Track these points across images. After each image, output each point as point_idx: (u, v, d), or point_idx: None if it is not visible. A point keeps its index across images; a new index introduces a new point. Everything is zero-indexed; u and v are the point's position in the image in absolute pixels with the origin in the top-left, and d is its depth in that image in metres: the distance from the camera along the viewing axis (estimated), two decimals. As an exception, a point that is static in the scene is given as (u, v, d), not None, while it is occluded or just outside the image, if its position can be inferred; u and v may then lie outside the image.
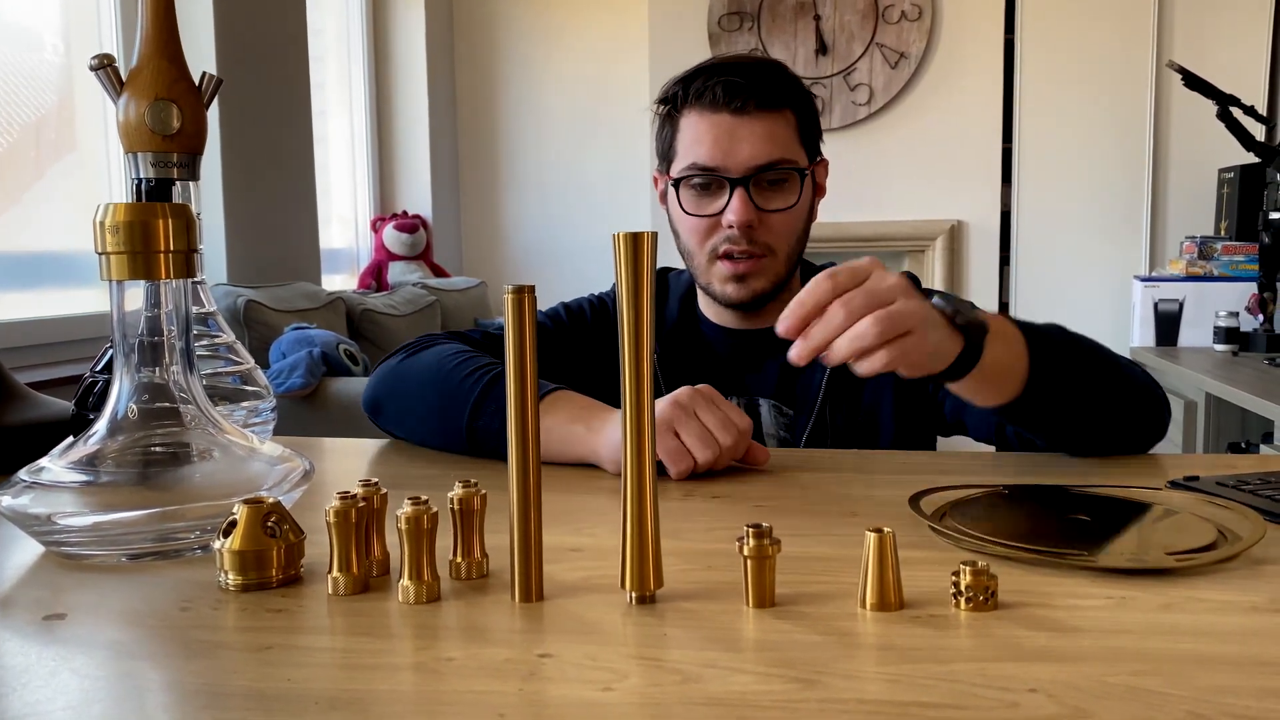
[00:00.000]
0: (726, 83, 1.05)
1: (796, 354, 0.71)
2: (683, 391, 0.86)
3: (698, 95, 1.07)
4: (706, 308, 1.17)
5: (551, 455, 0.88)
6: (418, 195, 4.24)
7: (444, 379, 0.98)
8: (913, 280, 1.19)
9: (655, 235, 0.53)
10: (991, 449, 1.04)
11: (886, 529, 0.53)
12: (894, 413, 1.09)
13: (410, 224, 4.04)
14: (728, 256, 1.07)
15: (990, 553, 0.61)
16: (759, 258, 1.07)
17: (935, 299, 0.78)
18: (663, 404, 0.85)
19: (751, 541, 0.53)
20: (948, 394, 1.04)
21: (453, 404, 0.95)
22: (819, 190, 1.16)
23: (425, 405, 0.99)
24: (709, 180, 1.07)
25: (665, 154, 1.13)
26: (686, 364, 1.14)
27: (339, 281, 3.96)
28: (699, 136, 1.07)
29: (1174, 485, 0.77)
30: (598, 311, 1.19)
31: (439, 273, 4.15)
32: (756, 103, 1.05)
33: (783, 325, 0.71)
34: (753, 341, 1.14)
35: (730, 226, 1.06)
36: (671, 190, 1.11)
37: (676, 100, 1.10)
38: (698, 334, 1.17)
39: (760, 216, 1.06)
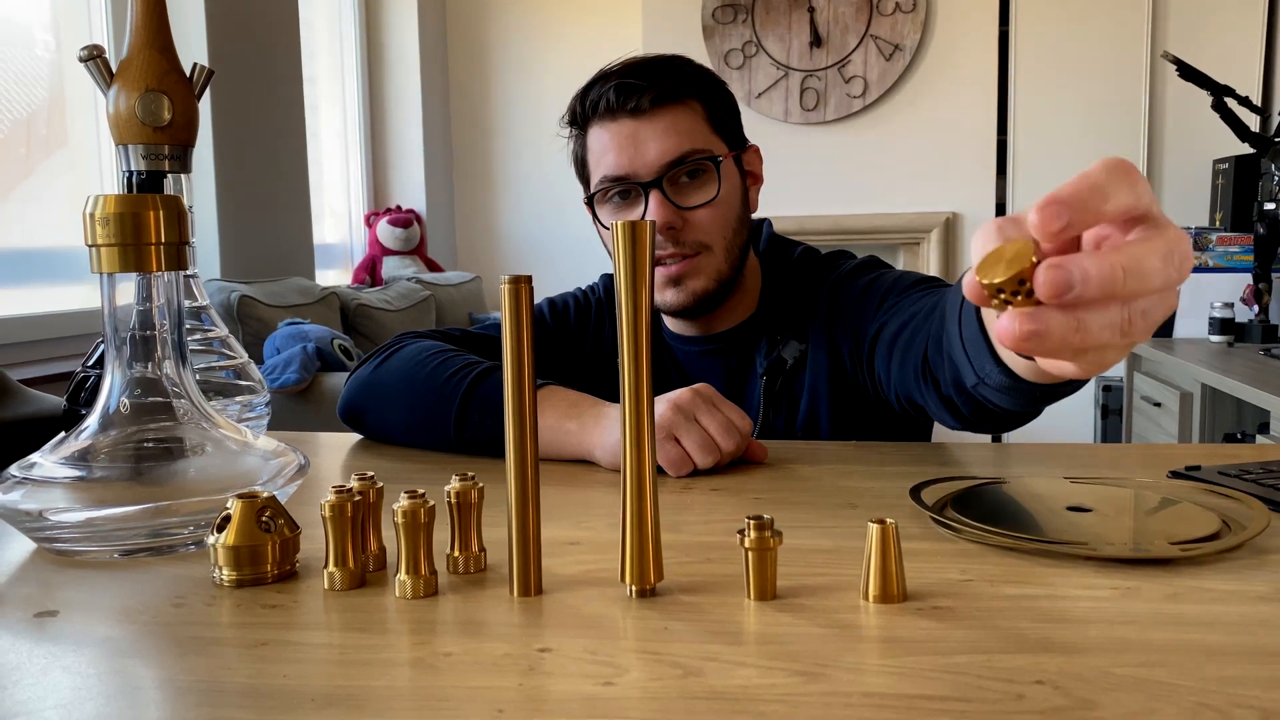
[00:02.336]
0: (619, 85, 1.01)
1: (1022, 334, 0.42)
2: (683, 394, 0.84)
3: (594, 106, 1.03)
4: (666, 318, 1.14)
5: (545, 453, 0.86)
6: (411, 190, 4.23)
7: (422, 387, 0.94)
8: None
9: (654, 224, 0.53)
10: (986, 438, 1.02)
11: (889, 520, 0.52)
12: (830, 415, 1.06)
13: (404, 219, 4.03)
14: (660, 262, 1.03)
15: (993, 543, 0.61)
16: (692, 257, 1.03)
17: None
18: (662, 407, 0.82)
19: (752, 533, 0.52)
20: (889, 378, 0.96)
21: (436, 416, 0.93)
22: (753, 179, 1.11)
23: (406, 416, 0.96)
24: (625, 189, 1.03)
25: (582, 176, 1.09)
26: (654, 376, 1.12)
27: (333, 277, 3.95)
28: (604, 148, 1.02)
29: (1175, 475, 0.76)
30: (581, 308, 1.17)
31: (433, 267, 4.14)
32: (655, 99, 1.00)
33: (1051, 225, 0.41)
34: (703, 349, 1.12)
35: None
36: (593, 211, 1.07)
37: (578, 117, 1.06)
38: (659, 336, 1.15)
39: (682, 216, 1.02)
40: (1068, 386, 0.67)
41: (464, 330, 1.10)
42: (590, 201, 1.07)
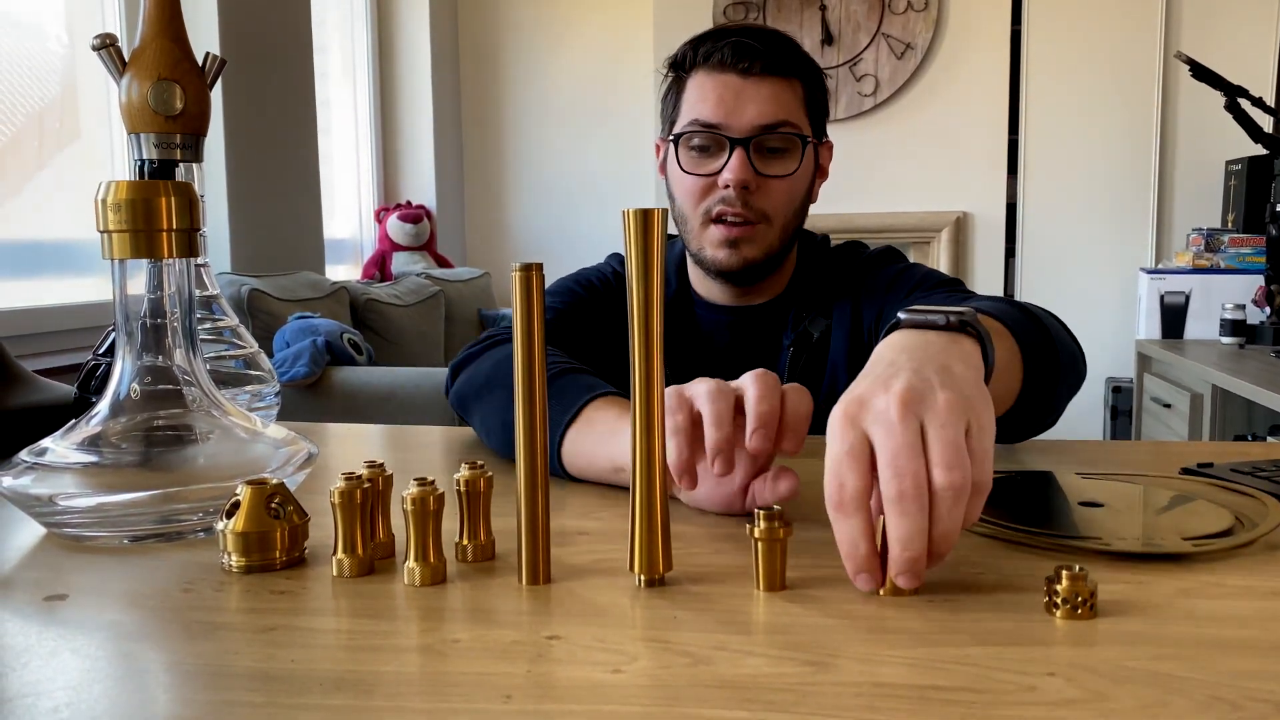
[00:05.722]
0: (737, 43, 1.04)
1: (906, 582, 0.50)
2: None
3: (706, 57, 1.06)
4: (696, 282, 1.16)
5: (585, 468, 0.77)
6: (421, 186, 4.24)
7: (504, 380, 0.87)
8: (893, 252, 1.16)
9: (665, 212, 0.52)
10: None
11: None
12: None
13: (414, 214, 4.03)
14: (721, 220, 1.05)
15: (1004, 538, 0.60)
16: (753, 224, 1.05)
17: (907, 315, 0.62)
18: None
19: (762, 524, 0.52)
20: None
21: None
22: (821, 172, 1.14)
23: (495, 410, 0.88)
24: (709, 141, 1.05)
25: (669, 116, 1.11)
26: (679, 341, 1.13)
27: (343, 272, 3.95)
28: (704, 95, 1.05)
29: (1187, 472, 0.76)
30: (596, 289, 1.16)
31: (442, 263, 4.14)
32: (765, 66, 1.04)
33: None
34: (735, 321, 1.13)
35: (726, 187, 1.03)
36: (671, 149, 1.08)
37: (685, 62, 1.08)
38: (690, 307, 1.15)
39: (758, 181, 1.04)
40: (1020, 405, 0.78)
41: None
42: (675, 141, 1.08)
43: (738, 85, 1.04)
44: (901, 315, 0.62)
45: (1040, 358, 0.81)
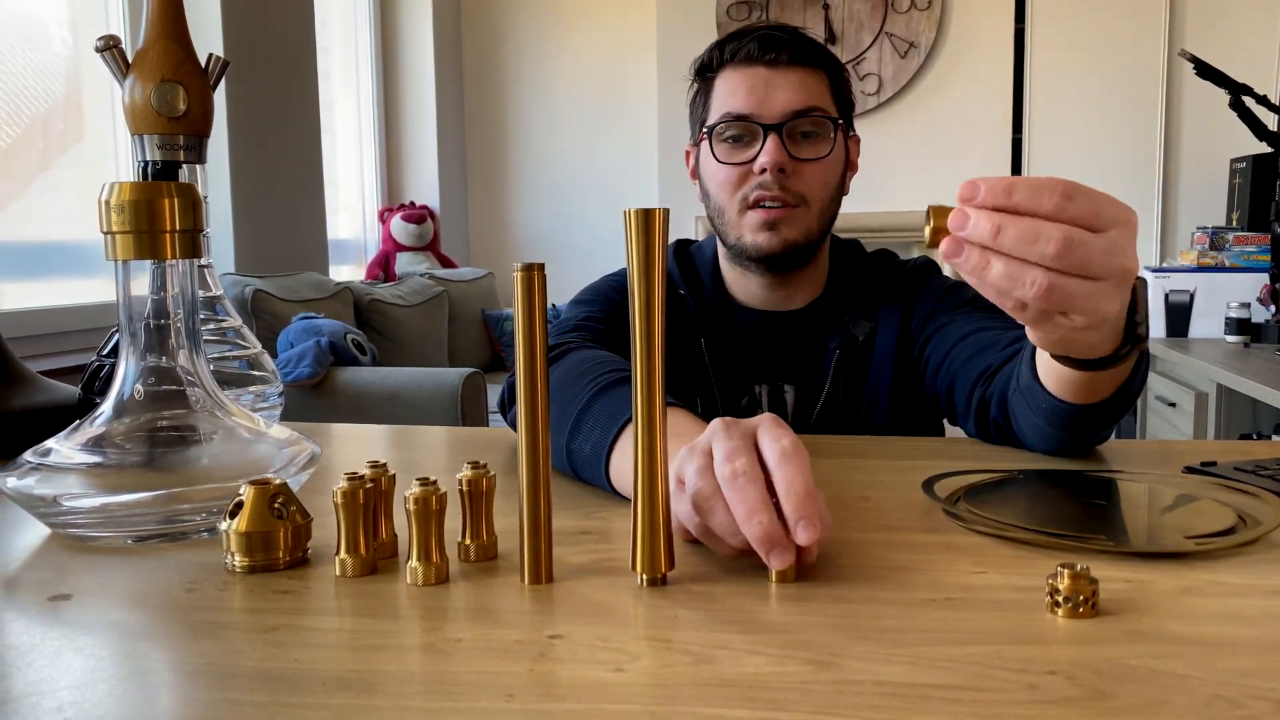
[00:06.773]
0: (763, 37, 1.06)
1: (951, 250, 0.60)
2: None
3: (733, 54, 1.08)
4: (733, 284, 1.16)
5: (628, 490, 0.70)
6: (425, 186, 4.24)
7: (560, 396, 0.82)
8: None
9: (667, 212, 0.52)
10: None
11: None
12: (891, 394, 1.11)
13: (417, 215, 4.04)
14: (759, 204, 1.06)
15: (1006, 536, 0.60)
16: (791, 206, 1.06)
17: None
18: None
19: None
20: (940, 364, 1.05)
21: (559, 424, 0.80)
22: (851, 165, 1.15)
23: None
24: (743, 131, 1.06)
25: (699, 117, 1.12)
26: (721, 344, 1.13)
27: (346, 272, 3.96)
28: (734, 88, 1.07)
29: (1190, 470, 0.76)
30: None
31: (446, 263, 4.15)
32: (791, 56, 1.06)
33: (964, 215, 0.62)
34: (776, 323, 1.14)
35: (763, 171, 1.05)
36: (705, 145, 1.10)
37: (711, 63, 1.10)
38: (731, 313, 1.16)
39: (794, 165, 1.05)
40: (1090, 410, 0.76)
41: (578, 324, 1.05)
42: (709, 134, 1.09)
43: (767, 75, 1.06)
44: None
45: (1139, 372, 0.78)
